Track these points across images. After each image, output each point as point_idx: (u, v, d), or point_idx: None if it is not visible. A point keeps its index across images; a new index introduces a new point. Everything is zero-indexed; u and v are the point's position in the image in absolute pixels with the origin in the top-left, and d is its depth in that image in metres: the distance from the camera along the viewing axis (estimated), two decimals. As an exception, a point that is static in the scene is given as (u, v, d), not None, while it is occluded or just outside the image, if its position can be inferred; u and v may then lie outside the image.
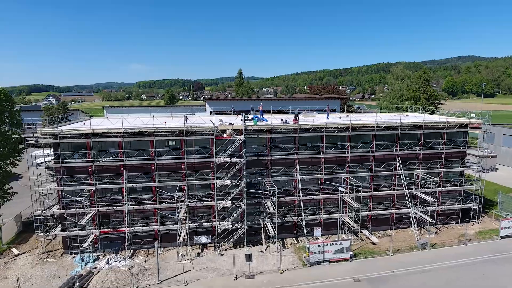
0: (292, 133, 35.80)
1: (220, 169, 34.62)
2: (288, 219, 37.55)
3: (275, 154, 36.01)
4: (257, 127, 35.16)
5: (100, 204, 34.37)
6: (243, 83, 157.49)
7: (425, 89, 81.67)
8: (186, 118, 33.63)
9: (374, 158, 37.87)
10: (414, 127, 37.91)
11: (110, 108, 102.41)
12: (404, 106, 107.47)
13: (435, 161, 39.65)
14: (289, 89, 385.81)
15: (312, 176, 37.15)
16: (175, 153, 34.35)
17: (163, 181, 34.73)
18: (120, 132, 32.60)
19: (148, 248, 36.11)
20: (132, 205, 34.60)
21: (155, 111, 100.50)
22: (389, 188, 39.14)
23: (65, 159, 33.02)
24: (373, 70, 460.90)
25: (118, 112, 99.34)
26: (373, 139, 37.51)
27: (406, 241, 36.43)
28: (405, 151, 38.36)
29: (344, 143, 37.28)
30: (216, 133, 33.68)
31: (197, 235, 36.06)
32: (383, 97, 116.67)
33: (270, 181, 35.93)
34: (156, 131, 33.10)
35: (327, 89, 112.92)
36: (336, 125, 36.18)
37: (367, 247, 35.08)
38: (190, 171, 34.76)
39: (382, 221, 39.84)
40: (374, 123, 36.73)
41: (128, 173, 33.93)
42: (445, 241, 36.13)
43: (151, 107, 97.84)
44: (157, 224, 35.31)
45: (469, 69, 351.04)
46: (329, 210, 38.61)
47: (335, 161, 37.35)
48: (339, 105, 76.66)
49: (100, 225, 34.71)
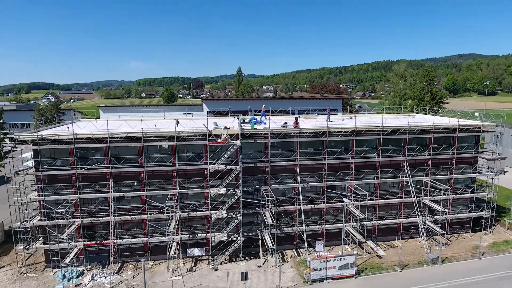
0: (292, 138, 33.19)
1: (215, 177, 32.03)
2: (288, 229, 35.00)
3: (274, 160, 33.43)
4: (254, 132, 32.55)
5: (84, 215, 31.81)
6: (243, 81, 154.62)
7: (429, 89, 78.94)
8: (177, 122, 31.02)
9: (380, 164, 35.28)
10: (424, 130, 35.29)
11: (105, 107, 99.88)
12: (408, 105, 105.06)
13: (445, 167, 37.05)
14: (289, 87, 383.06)
15: (314, 184, 34.57)
16: (165, 159, 31.78)
17: (153, 189, 32.17)
18: (106, 137, 29.99)
19: (137, 261, 33.58)
20: (119, 215, 32.06)
21: (151, 111, 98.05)
22: (396, 196, 36.58)
23: (46, 166, 30.43)
24: (373, 68, 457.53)
25: (114, 111, 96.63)
26: (379, 144, 34.91)
27: (415, 254, 33.87)
28: (413, 156, 35.76)
29: (348, 148, 34.69)
30: (210, 138, 31.08)
31: (190, 247, 33.54)
32: (386, 96, 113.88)
33: (268, 190, 33.38)
34: (145, 136, 30.50)
35: (328, 87, 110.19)
36: (340, 129, 33.57)
37: (373, 261, 32.54)
38: (182, 179, 32.20)
39: (388, 231, 37.31)
40: (381, 127, 34.13)
41: (114, 181, 31.36)
42: (457, 254, 33.59)
43: (148, 106, 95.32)
44: (147, 235, 32.78)
45: (471, 67, 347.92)
46: (331, 219, 36.09)
47: (339, 168, 34.77)
48: (340, 104, 73.89)
49: (85, 237, 32.18)
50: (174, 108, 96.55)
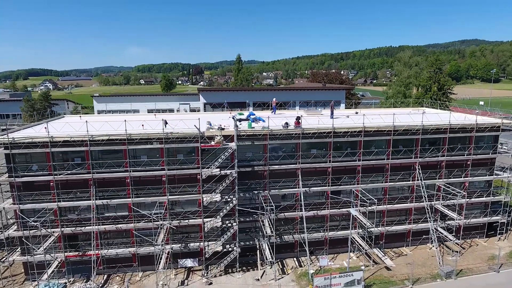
0: (293, 139, 30.08)
1: (209, 182, 29.07)
2: (289, 237, 32.26)
3: (273, 163, 30.39)
4: (251, 132, 29.39)
5: (65, 224, 29.01)
6: (242, 69, 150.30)
7: (437, 78, 75.20)
8: (166, 123, 27.85)
9: (390, 166, 32.25)
10: (438, 130, 32.11)
11: (99, 97, 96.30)
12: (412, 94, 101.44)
13: (460, 169, 34.06)
14: (290, 74, 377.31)
15: (317, 189, 31.63)
16: (154, 163, 28.75)
17: (141, 196, 29.27)
18: (85, 140, 26.86)
19: (125, 272, 31.01)
20: (104, 224, 29.26)
21: (146, 101, 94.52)
22: (405, 201, 33.70)
23: (20, 172, 27.43)
24: (375, 54, 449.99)
25: (108, 101, 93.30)
26: (389, 145, 31.81)
27: (426, 265, 31.20)
28: (425, 158, 32.69)
29: (355, 149, 31.63)
30: (202, 141, 27.96)
31: (182, 258, 30.84)
32: (390, 84, 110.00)
33: (267, 196, 30.49)
34: (129, 138, 27.38)
35: (330, 76, 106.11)
36: (346, 128, 30.40)
37: (381, 274, 29.88)
38: (172, 185, 29.25)
39: (397, 237, 34.61)
40: (391, 126, 30.95)
41: (97, 188, 28.43)
42: (472, 265, 30.91)
43: (143, 96, 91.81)
44: (135, 246, 30.06)
45: (474, 53, 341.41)
46: (335, 225, 33.32)
47: (344, 171, 31.78)
48: (344, 95, 70.41)
49: (67, 248, 29.46)
50: (170, 98, 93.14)
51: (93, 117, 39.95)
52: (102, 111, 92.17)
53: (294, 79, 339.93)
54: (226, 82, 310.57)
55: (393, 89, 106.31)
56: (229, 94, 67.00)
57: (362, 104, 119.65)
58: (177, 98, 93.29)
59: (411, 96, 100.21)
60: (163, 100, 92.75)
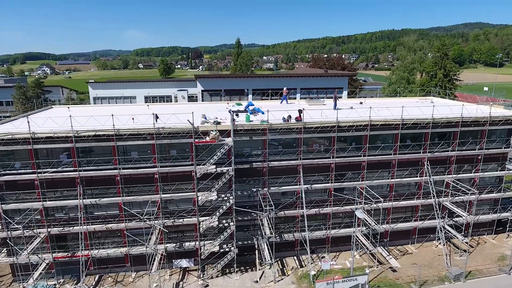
0: (295, 133, 28.10)
1: (205, 179, 27.27)
2: (289, 236, 30.73)
3: (273, 159, 28.51)
4: (250, 127, 27.38)
5: (53, 224, 27.39)
6: (242, 53, 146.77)
7: (443, 64, 72.46)
8: (157, 117, 25.78)
9: (397, 162, 30.39)
10: (449, 123, 30.09)
11: (94, 83, 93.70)
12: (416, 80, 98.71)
13: (470, 165, 32.24)
14: (290, 58, 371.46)
15: (319, 186, 29.87)
16: (145, 160, 26.88)
17: (132, 194, 27.53)
18: (70, 135, 24.89)
19: (118, 273, 29.62)
20: (93, 224, 27.64)
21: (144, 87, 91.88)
22: (412, 198, 32.02)
23: (2, 170, 25.60)
24: (377, 37, 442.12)
25: (104, 87, 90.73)
26: (397, 139, 29.86)
27: (433, 265, 29.75)
28: (435, 153, 30.79)
29: (360, 144, 29.71)
30: (196, 136, 25.99)
31: (177, 258, 29.37)
32: (393, 70, 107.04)
33: (266, 194, 28.77)
34: (117, 134, 25.39)
35: (332, 61, 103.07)
36: (351, 122, 28.37)
37: (386, 276, 28.43)
38: (165, 183, 27.49)
39: (401, 234, 33.08)
40: (400, 120, 28.91)
41: (85, 186, 26.66)
42: (482, 266, 29.45)
43: (140, 82, 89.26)
44: (126, 246, 28.53)
45: (478, 37, 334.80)
46: (338, 222, 31.73)
47: (348, 167, 29.95)
48: (346, 82, 67.99)
49: (55, 248, 27.93)
50: (168, 84, 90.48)
51: (82, 108, 37.83)
52: (97, 98, 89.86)
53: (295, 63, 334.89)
54: (226, 66, 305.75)
55: (396, 74, 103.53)
56: (228, 81, 64.55)
57: (365, 89, 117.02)
58: (175, 84, 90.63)
59: (415, 82, 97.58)
60: (160, 86, 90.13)
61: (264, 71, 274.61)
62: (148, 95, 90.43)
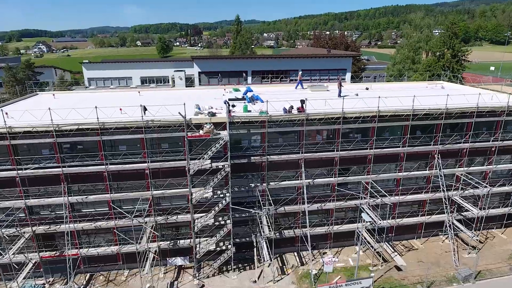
0: (297, 125, 25.93)
1: (200, 175, 25.32)
2: (289, 232, 29.18)
3: (273, 153, 26.50)
4: (247, 118, 25.16)
5: (38, 223, 25.73)
6: (241, 31, 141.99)
7: (451, 44, 69.04)
8: (145, 109, 23.54)
9: (406, 155, 28.38)
10: (464, 114, 27.85)
11: (89, 64, 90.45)
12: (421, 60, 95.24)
13: (483, 157, 30.26)
14: (292, 35, 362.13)
15: (322, 180, 28.01)
16: (135, 155, 24.88)
17: (121, 191, 25.72)
18: (50, 129, 22.76)
19: (110, 271, 28.28)
20: (81, 222, 25.99)
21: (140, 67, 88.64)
22: (420, 192, 30.23)
23: (-21, 166, 23.68)
24: (381, 13, 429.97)
25: (98, 68, 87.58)
26: (406, 131, 27.72)
27: (440, 264, 28.32)
28: (446, 145, 28.72)
29: (366, 136, 27.61)
30: (189, 130, 23.86)
31: (171, 255, 27.94)
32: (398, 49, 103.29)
33: (265, 189, 26.96)
34: (103, 127, 23.26)
35: (335, 40, 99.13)
36: (358, 113, 26.12)
37: (391, 275, 27.03)
38: (156, 179, 25.62)
39: (407, 229, 31.54)
40: (410, 110, 26.64)
41: (71, 183, 24.81)
42: (492, 265, 27.99)
43: (136, 62, 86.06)
44: (117, 244, 27.02)
45: (484, 13, 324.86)
46: (341, 216, 30.10)
47: (354, 161, 27.96)
48: (350, 63, 65.04)
49: (42, 247, 26.41)
50: (164, 64, 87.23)
51: (68, 95, 35.41)
52: (92, 79, 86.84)
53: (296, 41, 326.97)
54: (226, 44, 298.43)
55: (401, 53, 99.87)
56: (226, 62, 61.58)
57: (368, 69, 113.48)
58: (172, 64, 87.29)
59: (420, 62, 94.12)
60: (156, 66, 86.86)
61: (264, 48, 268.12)
62: (144, 76, 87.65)
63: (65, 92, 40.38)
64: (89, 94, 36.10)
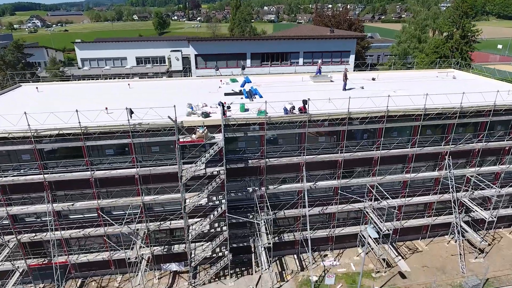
0: (298, 127, 23.93)
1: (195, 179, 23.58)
2: (289, 236, 27.84)
3: (272, 156, 24.66)
4: (244, 121, 23.11)
5: (23, 231, 24.29)
6: (240, 6, 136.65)
7: (461, 24, 65.46)
8: (131, 112, 21.44)
9: (415, 156, 26.54)
10: (479, 113, 25.75)
11: (82, 43, 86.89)
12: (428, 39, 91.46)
13: (496, 157, 28.46)
14: (293, 8, 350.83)
15: (325, 184, 26.33)
16: (123, 160, 23.07)
17: (110, 197, 24.10)
18: (28, 135, 20.80)
19: (102, 276, 27.18)
20: (69, 229, 24.56)
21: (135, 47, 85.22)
22: (427, 193, 28.63)
23: (-46, 173, 21.92)
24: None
25: (92, 48, 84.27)
26: (416, 131, 25.75)
27: (446, 269, 27.14)
28: (459, 146, 26.82)
29: (372, 136, 25.69)
30: (181, 134, 21.90)
31: (165, 261, 26.76)
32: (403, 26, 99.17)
33: (264, 195, 25.33)
34: (85, 132, 21.28)
35: (338, 17, 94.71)
36: (365, 114, 24.02)
37: (394, 283, 25.86)
38: (147, 185, 23.93)
39: (412, 230, 30.20)
40: (422, 109, 24.51)
41: (55, 190, 23.14)
42: (499, 271, 26.80)
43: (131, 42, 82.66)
44: (108, 251, 25.72)
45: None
46: (343, 217, 28.69)
47: (358, 162, 26.16)
48: (354, 44, 61.94)
49: (29, 254, 25.13)
50: (160, 43, 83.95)
51: (52, 87, 33.02)
52: (85, 59, 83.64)
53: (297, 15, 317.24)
54: (225, 18, 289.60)
55: (407, 31, 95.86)
56: (224, 44, 58.49)
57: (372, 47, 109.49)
58: (168, 44, 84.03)
59: (426, 40, 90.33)
60: (152, 46, 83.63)
61: (264, 23, 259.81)
62: (140, 56, 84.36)
63: (49, 83, 37.99)
64: (75, 85, 33.76)
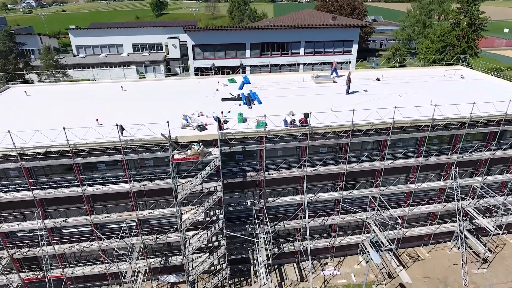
0: (299, 140, 22.81)
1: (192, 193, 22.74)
2: (289, 247, 27.23)
3: (271, 169, 23.68)
4: (242, 135, 21.95)
5: (16, 245, 23.62)
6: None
7: (469, 11, 62.97)
8: (122, 129, 20.27)
9: (420, 167, 25.53)
10: (489, 123, 24.56)
11: (76, 30, 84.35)
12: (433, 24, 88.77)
13: (504, 166, 27.48)
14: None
15: (326, 196, 25.45)
16: (116, 176, 22.09)
17: (104, 212, 23.29)
18: (14, 154, 19.73)
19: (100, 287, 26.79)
20: (63, 244, 23.89)
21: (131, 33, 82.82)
22: (430, 203, 27.84)
23: None
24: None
25: (87, 34, 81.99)
26: (422, 141, 24.66)
27: (448, 281, 26.67)
28: (466, 156, 25.77)
29: (377, 147, 24.63)
30: (174, 150, 20.83)
31: (162, 273, 26.27)
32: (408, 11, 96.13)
33: (263, 208, 24.51)
34: (75, 150, 20.20)
35: (341, 1, 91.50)
36: (369, 125, 22.84)
37: (396, 297, 25.49)
38: (141, 200, 23.08)
39: (414, 238, 29.62)
40: (429, 120, 23.30)
41: (46, 206, 22.31)
42: (503, 284, 26.32)
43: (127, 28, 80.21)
44: (104, 264, 25.16)
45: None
46: (344, 226, 28.01)
47: (361, 174, 25.21)
48: (357, 34, 59.99)
49: (24, 268, 24.59)
50: (157, 30, 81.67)
51: (42, 88, 31.56)
52: (80, 47, 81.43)
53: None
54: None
55: (411, 15, 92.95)
56: (222, 34, 56.55)
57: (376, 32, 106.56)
58: (165, 30, 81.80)
59: (431, 26, 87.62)
60: (148, 32, 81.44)
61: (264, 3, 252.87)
62: (136, 43, 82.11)
63: (40, 84, 36.55)
64: (65, 87, 32.27)
